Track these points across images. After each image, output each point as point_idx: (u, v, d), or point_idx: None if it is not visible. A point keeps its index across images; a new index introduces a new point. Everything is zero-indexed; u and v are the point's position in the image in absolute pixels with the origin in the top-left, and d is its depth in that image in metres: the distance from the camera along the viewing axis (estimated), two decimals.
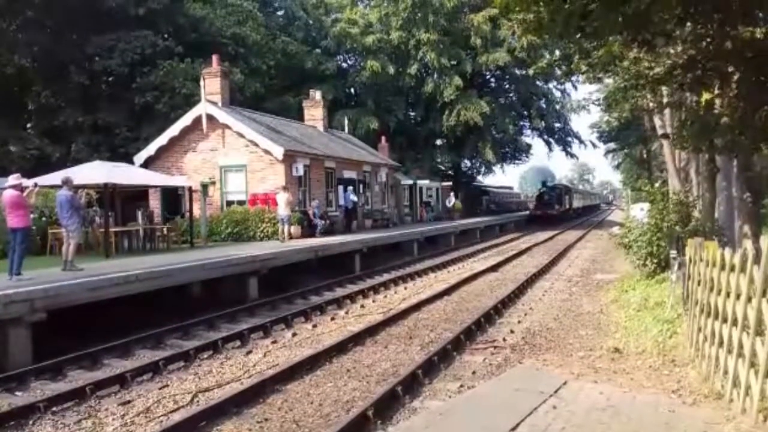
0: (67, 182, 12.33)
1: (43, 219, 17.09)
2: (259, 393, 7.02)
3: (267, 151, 20.76)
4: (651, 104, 14.62)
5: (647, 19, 8.83)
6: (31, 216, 12.15)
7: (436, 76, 38.65)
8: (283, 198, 18.67)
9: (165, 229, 18.92)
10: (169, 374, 8.21)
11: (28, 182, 11.64)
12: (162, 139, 22.05)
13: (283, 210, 18.69)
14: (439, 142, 44.36)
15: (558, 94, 46.96)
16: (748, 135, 9.95)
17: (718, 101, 10.51)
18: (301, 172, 21.65)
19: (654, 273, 13.32)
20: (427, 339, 9.69)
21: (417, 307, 12.32)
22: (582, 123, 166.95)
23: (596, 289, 14.50)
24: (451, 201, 36.04)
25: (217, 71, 22.01)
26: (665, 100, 14.19)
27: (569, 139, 49.29)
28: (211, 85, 21.77)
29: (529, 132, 49.24)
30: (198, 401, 7.01)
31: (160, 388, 7.56)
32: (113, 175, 16.05)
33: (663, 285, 11.70)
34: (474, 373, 7.74)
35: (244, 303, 13.11)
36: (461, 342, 9.17)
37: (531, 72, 30.71)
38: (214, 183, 21.32)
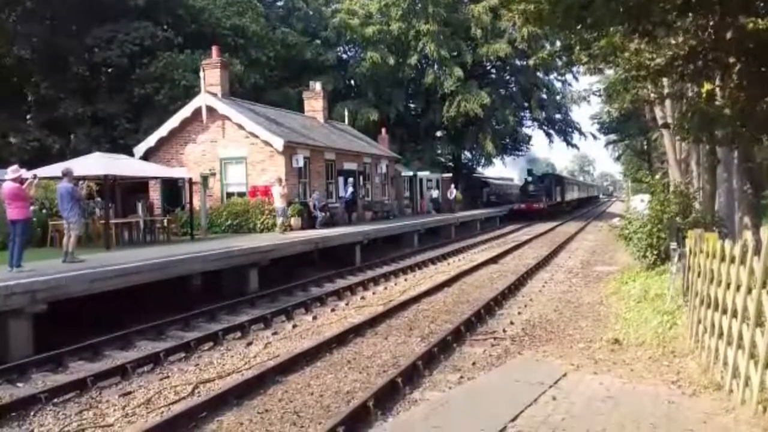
0: (67, 174, 12.30)
1: (43, 211, 17.09)
2: (260, 384, 7.04)
3: (267, 143, 20.72)
4: (652, 95, 14.55)
5: (648, 10, 8.80)
6: (31, 208, 12.15)
7: (436, 67, 38.57)
8: (277, 191, 18.68)
9: (165, 221, 18.92)
10: (170, 365, 8.24)
11: (28, 174, 11.62)
12: (162, 131, 21.99)
13: (278, 202, 18.70)
14: (439, 133, 44.30)
15: (558, 85, 46.91)
16: (748, 126, 9.93)
17: (719, 92, 10.49)
18: (301, 164, 21.62)
19: (654, 264, 13.33)
20: (427, 330, 9.71)
21: (417, 298, 12.33)
22: (583, 114, 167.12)
23: (596, 281, 14.51)
24: (452, 193, 36.06)
25: (217, 62, 21.93)
26: (666, 91, 14.15)
27: (570, 130, 49.24)
28: (211, 76, 21.71)
29: (529, 123, 49.22)
30: (199, 392, 7.04)
31: (161, 379, 7.58)
32: (113, 167, 16.04)
33: (663, 276, 11.70)
34: (474, 364, 7.76)
35: (245, 295, 13.14)
36: (461, 333, 9.19)
37: (531, 63, 30.65)
38: (214, 175, 21.29)
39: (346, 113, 34.11)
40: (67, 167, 12.85)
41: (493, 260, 18.57)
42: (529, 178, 44.11)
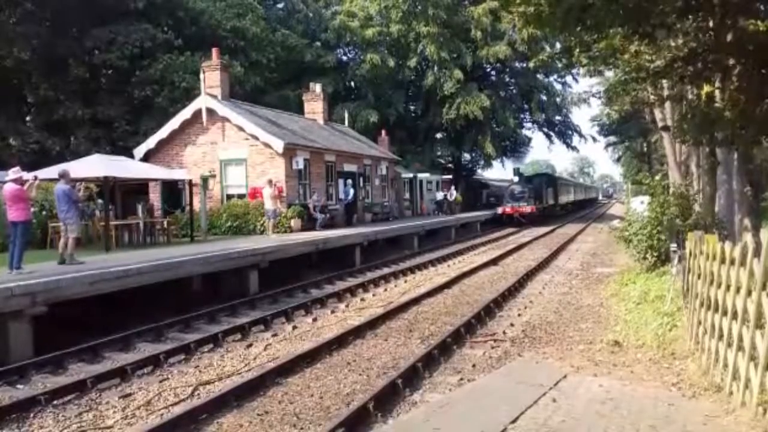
0: (64, 175, 12.25)
1: (44, 212, 17.09)
2: (260, 386, 7.04)
3: (267, 145, 20.73)
4: (652, 97, 14.58)
5: (648, 12, 8.81)
6: (32, 209, 12.14)
7: (436, 69, 38.57)
8: (267, 192, 18.62)
9: (165, 223, 18.91)
10: (170, 367, 8.23)
11: (28, 175, 11.61)
12: (162, 133, 22.02)
13: (268, 204, 18.64)
14: (439, 135, 44.32)
15: (558, 87, 46.85)
16: (748, 128, 9.94)
17: (718, 94, 10.51)
18: (301, 166, 21.64)
19: (654, 266, 13.33)
20: (427, 332, 9.70)
21: (417, 300, 12.32)
22: (582, 116, 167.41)
23: (596, 283, 14.51)
24: (452, 195, 36.09)
25: (217, 64, 21.95)
26: (666, 93, 14.16)
27: (569, 132, 49.25)
28: (211, 78, 21.73)
29: (529, 125, 49.22)
30: (199, 394, 7.03)
31: (160, 381, 7.58)
32: (113, 169, 16.03)
33: (663, 278, 11.70)
34: (474, 366, 7.76)
35: (245, 296, 13.13)
36: (461, 335, 9.19)
37: (531, 65, 30.79)
38: (214, 176, 21.29)
39: (346, 115, 34.14)
40: (64, 169, 12.80)
41: (493, 262, 18.56)
42: (516, 179, 38.87)
